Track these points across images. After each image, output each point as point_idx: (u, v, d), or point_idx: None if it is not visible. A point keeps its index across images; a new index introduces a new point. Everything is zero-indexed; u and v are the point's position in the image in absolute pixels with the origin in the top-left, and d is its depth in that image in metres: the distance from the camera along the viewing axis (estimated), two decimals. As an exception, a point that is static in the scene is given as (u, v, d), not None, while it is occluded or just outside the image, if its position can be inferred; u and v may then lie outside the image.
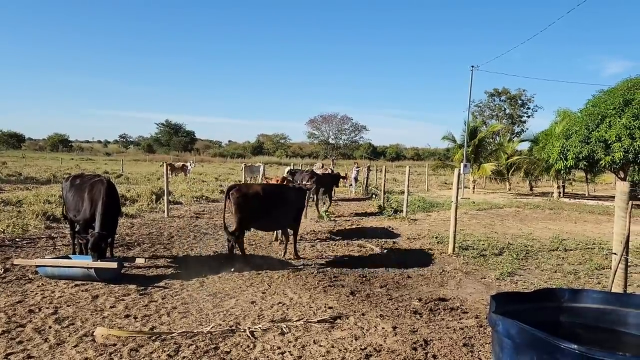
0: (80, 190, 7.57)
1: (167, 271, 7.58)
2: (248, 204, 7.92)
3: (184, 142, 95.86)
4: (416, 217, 15.02)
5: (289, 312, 5.71)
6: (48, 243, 9.43)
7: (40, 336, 4.74)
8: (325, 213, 14.39)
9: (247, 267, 7.78)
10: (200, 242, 10.08)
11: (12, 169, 32.14)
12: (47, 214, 12.01)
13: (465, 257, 9.10)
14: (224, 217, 8.12)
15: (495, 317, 2.99)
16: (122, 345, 4.54)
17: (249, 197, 7.97)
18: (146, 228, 11.62)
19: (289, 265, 8.17)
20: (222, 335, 4.86)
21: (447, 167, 33.17)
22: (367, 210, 17.12)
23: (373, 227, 12.87)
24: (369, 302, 6.22)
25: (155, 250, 9.11)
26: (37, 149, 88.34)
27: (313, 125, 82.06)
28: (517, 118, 58.92)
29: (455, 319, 5.61)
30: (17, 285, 6.50)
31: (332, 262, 8.55)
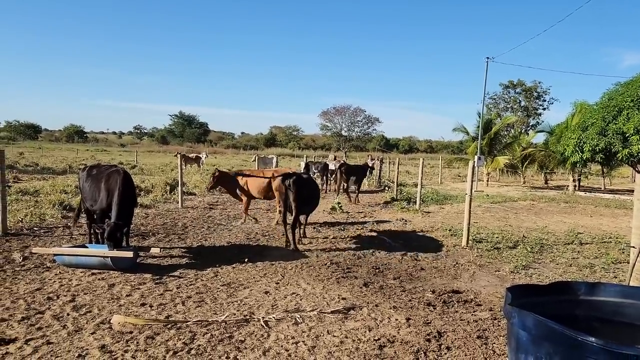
0: (97, 180, 7.66)
1: (182, 261, 7.65)
2: (303, 192, 8.79)
3: (197, 134, 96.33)
4: (429, 209, 14.96)
5: (303, 302, 5.74)
6: (65, 232, 9.56)
7: (59, 323, 4.82)
8: (338, 205, 14.39)
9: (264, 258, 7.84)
10: (214, 233, 10.15)
11: (29, 160, 32.59)
12: (63, 204, 12.18)
13: (479, 249, 9.06)
14: (284, 206, 8.84)
15: (511, 310, 2.98)
16: (139, 332, 4.60)
17: (303, 185, 8.88)
18: (160, 218, 11.72)
19: (303, 257, 8.19)
20: (237, 325, 4.90)
21: (461, 160, 32.93)
22: (380, 203, 17.08)
23: (386, 219, 12.85)
24: (382, 293, 6.23)
25: (169, 241, 9.19)
26: (53, 140, 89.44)
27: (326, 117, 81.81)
28: (533, 110, 58.22)
29: (469, 312, 5.60)
30: (36, 273, 6.61)
31: (345, 253, 8.56)
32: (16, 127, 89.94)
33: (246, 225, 11.22)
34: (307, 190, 8.97)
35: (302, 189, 8.75)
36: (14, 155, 35.49)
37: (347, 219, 12.89)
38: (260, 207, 14.68)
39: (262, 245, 9.13)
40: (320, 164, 20.97)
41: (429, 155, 75.88)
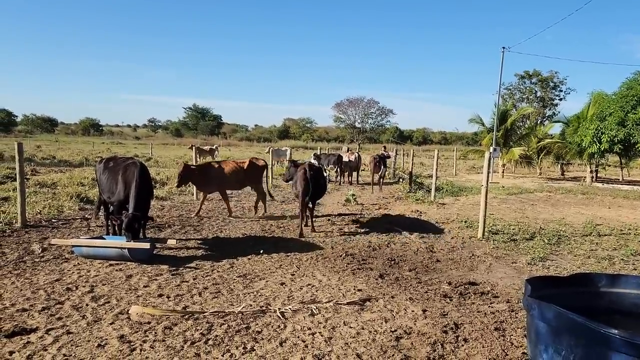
0: (114, 172, 7.73)
1: (198, 252, 7.71)
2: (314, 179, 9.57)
3: (211, 126, 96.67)
4: (444, 201, 14.88)
5: (318, 293, 5.75)
6: (82, 224, 9.68)
7: (78, 313, 4.89)
8: (353, 197, 14.37)
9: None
10: (230, 225, 10.20)
11: (46, 152, 33.01)
12: (80, 196, 12.32)
13: (495, 241, 8.99)
14: (304, 192, 9.28)
15: (531, 301, 2.95)
16: (157, 323, 4.65)
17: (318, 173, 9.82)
18: (176, 210, 11.81)
19: (318, 248, 8.21)
20: (253, 316, 4.93)
21: (476, 151, 32.67)
22: (394, 194, 17.02)
23: (401, 211, 12.80)
24: (398, 285, 6.22)
25: (185, 232, 9.26)
26: (69, 133, 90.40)
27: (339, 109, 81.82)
28: (549, 101, 57.41)
29: (486, 303, 5.56)
30: (55, 264, 6.71)
31: (360, 245, 8.56)
32: (33, 120, 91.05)
33: (260, 218, 11.26)
34: (320, 178, 9.88)
35: (318, 176, 9.77)
36: (31, 148, 35.97)
37: (361, 210, 12.87)
38: (275, 199, 14.71)
39: (277, 236, 9.16)
40: (334, 155, 20.92)
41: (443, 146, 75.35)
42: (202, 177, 10.80)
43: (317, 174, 9.83)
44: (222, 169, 11.00)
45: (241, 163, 11.47)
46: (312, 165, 9.87)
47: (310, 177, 9.41)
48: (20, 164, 9.12)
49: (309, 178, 9.39)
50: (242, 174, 11.16)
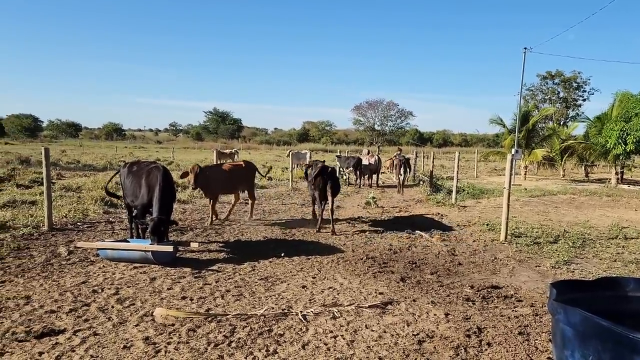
0: (137, 176, 7.86)
1: (220, 255, 7.77)
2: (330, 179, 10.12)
3: (231, 130, 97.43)
4: (465, 203, 14.74)
5: (340, 297, 5.75)
6: (107, 227, 9.85)
7: (104, 315, 4.98)
8: (373, 200, 14.34)
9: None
10: (251, 228, 10.26)
11: (71, 157, 33.65)
12: (104, 200, 12.53)
13: (518, 244, 8.87)
14: (324, 190, 9.91)
15: (557, 305, 2.91)
16: (180, 325, 4.71)
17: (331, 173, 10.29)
18: (198, 213, 11.93)
19: (338, 251, 8.21)
20: (275, 318, 4.95)
21: (498, 153, 32.28)
22: (414, 197, 16.93)
23: (421, 214, 12.74)
24: (420, 288, 6.18)
25: (207, 235, 9.35)
26: (92, 138, 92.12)
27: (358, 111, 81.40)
28: (572, 102, 56.47)
29: (509, 307, 5.50)
30: (81, 267, 6.84)
31: (381, 248, 8.54)
32: (58, 125, 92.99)
33: (281, 221, 11.31)
34: (334, 178, 10.34)
35: (334, 176, 10.30)
36: (56, 153, 36.69)
37: (382, 213, 12.83)
38: (295, 202, 14.77)
39: (298, 239, 9.19)
40: (353, 158, 20.88)
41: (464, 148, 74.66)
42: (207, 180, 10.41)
43: (330, 174, 10.23)
44: (222, 170, 10.95)
45: (237, 164, 11.52)
46: (326, 167, 10.33)
47: (322, 176, 9.99)
48: (47, 169, 9.32)
49: (320, 177, 10.01)
50: (240, 175, 11.14)
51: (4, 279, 6.15)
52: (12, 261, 6.98)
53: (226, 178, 10.71)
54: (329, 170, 10.40)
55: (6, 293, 5.58)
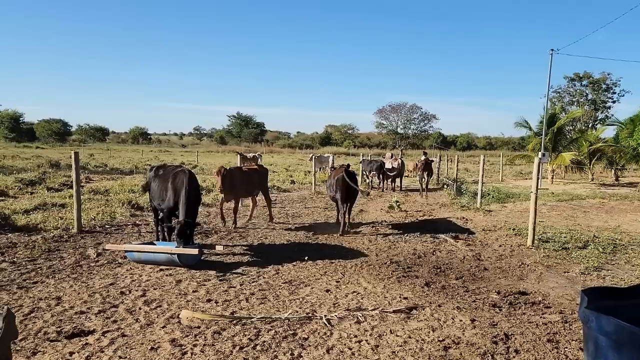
0: (164, 180, 7.97)
1: (244, 258, 7.82)
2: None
3: (254, 134, 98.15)
4: (491, 208, 14.53)
5: (364, 301, 5.73)
6: (134, 230, 10.01)
7: (132, 316, 5.05)
8: (396, 203, 14.25)
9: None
10: (274, 232, 10.31)
11: (99, 161, 34.32)
12: (131, 203, 12.74)
13: (545, 249, 8.71)
14: (343, 192, 10.21)
15: (589, 313, 2.84)
16: (206, 327, 4.75)
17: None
18: (222, 217, 12.02)
19: (362, 255, 8.18)
20: (300, 322, 4.95)
21: (523, 157, 31.77)
22: (438, 201, 16.78)
23: (445, 218, 12.61)
24: (445, 293, 6.11)
25: (231, 238, 9.42)
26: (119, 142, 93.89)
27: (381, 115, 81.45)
28: (601, 104, 55.21)
29: (537, 314, 5.40)
30: (109, 269, 6.96)
31: (405, 252, 8.48)
32: (86, 130, 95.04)
33: (304, 225, 11.33)
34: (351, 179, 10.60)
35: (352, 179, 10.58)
36: (85, 157, 37.45)
37: (405, 217, 12.74)
38: (318, 206, 14.79)
39: (322, 243, 9.19)
40: (375, 162, 20.81)
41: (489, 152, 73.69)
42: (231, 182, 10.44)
43: (348, 177, 10.46)
44: (242, 173, 11.01)
45: (252, 168, 11.60)
46: (347, 170, 10.64)
47: (341, 178, 10.32)
48: (76, 172, 9.52)
49: (339, 179, 10.35)
50: (256, 178, 11.21)
51: (36, 279, 6.30)
52: (43, 262, 7.14)
53: (246, 180, 10.80)
54: (349, 173, 10.63)
55: (38, 294, 5.72)
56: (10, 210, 10.59)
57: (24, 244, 8.15)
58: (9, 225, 9.31)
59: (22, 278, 6.32)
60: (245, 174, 10.91)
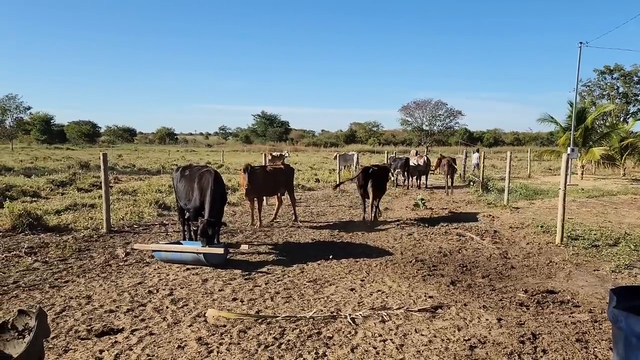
0: (190, 180, 8.10)
1: (269, 257, 7.88)
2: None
3: (279, 132, 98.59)
4: (518, 205, 14.30)
5: (389, 300, 5.71)
6: (161, 229, 10.18)
7: (159, 315, 5.15)
8: (422, 201, 14.14)
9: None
10: (299, 230, 10.35)
11: (127, 161, 35.01)
12: (159, 202, 12.95)
13: (574, 247, 8.53)
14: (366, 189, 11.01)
15: (618, 313, 2.79)
16: (232, 326, 4.81)
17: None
18: (247, 216, 12.09)
19: (387, 254, 8.16)
20: (324, 321, 4.97)
21: (552, 152, 31.15)
22: (464, 198, 16.59)
23: (472, 216, 12.46)
24: (471, 292, 6.05)
25: (256, 237, 9.50)
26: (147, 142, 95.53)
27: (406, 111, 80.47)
28: (633, 97, 53.61)
29: (566, 313, 5.30)
30: (137, 268, 7.10)
31: (430, 250, 8.42)
32: (115, 131, 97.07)
33: (328, 223, 11.36)
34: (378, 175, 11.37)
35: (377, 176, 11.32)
36: (113, 157, 38.26)
37: (430, 215, 12.64)
38: (343, 204, 14.79)
39: (346, 242, 9.19)
40: (401, 159, 20.67)
41: (516, 148, 72.41)
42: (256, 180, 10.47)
43: (375, 174, 11.20)
44: (267, 172, 11.10)
45: (278, 167, 11.68)
46: (368, 167, 11.53)
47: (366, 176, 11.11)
48: (105, 173, 9.73)
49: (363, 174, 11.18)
50: (281, 178, 11.27)
51: (68, 278, 6.47)
52: (74, 262, 7.33)
53: (270, 179, 10.88)
54: (371, 171, 11.25)
55: (69, 292, 5.87)
56: (42, 211, 10.88)
57: (55, 243, 8.37)
58: (41, 225, 9.57)
59: (53, 277, 6.51)
60: (271, 174, 11.00)
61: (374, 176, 11.18)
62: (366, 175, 11.18)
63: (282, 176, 11.27)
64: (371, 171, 11.30)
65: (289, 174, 11.66)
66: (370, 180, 11.12)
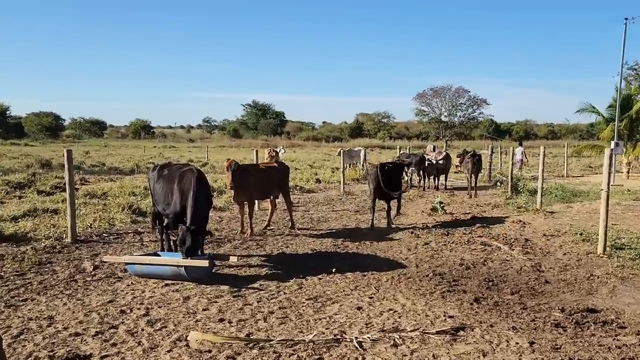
0: (169, 181, 8.11)
1: (262, 271, 7.89)
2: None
3: (273, 125, 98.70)
4: (553, 209, 14.31)
5: (402, 320, 5.72)
6: (135, 239, 10.21)
7: (134, 339, 5.16)
8: (440, 205, 14.15)
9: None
10: (296, 239, 10.37)
11: (95, 159, 35.06)
12: (132, 207, 12.97)
13: (620, 258, 8.53)
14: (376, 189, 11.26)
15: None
16: (218, 352, 4.81)
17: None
18: (236, 222, 12.13)
19: (400, 266, 8.17)
20: (326, 345, 4.98)
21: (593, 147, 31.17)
22: (490, 201, 16.60)
23: (499, 221, 12.47)
24: (498, 311, 6.06)
25: (247, 248, 9.52)
26: (119, 137, 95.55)
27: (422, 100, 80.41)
28: (689, 82, 53.63)
29: (609, 335, 5.30)
30: (107, 284, 7.12)
31: (450, 262, 8.43)
32: (81, 124, 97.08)
33: (331, 231, 11.38)
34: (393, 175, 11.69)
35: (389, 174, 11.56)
36: (80, 154, 38.27)
37: (451, 221, 12.66)
38: (348, 209, 14.81)
39: (352, 252, 9.21)
40: (415, 156, 20.69)
41: (551, 142, 72.51)
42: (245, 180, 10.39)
43: (390, 172, 11.54)
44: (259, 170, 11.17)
45: (270, 165, 11.72)
46: (383, 164, 11.79)
47: (381, 174, 11.26)
48: (69, 173, 9.75)
49: (380, 175, 11.28)
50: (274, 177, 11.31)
51: (26, 296, 6.49)
52: (33, 277, 7.34)
53: (262, 180, 10.90)
54: (387, 168, 11.51)
55: (28, 313, 5.88)
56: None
57: (11, 255, 8.39)
58: (-5, 234, 9.60)
59: (9, 295, 6.52)
60: (262, 173, 11.02)
61: (391, 174, 11.42)
62: (383, 172, 11.30)
63: (275, 176, 11.29)
64: (387, 168, 11.47)
65: (283, 173, 11.69)
66: (387, 178, 11.33)
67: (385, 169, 11.48)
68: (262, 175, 10.97)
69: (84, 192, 15.73)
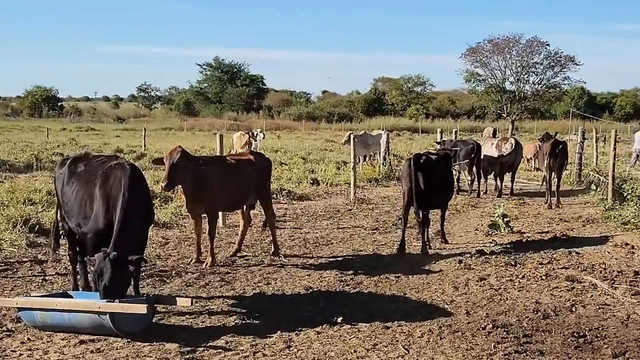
0: (86, 181, 8.06)
1: (229, 321, 7.87)
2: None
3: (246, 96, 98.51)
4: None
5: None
6: (33, 270, 10.16)
7: None
8: (503, 219, 14.14)
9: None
10: (281, 271, 10.36)
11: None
12: (29, 223, 12.88)
13: None
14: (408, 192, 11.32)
15: None
16: None
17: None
18: (190, 246, 12.11)
19: (441, 313, 8.16)
20: None
21: None
22: (580, 213, 16.63)
23: (594, 245, 12.49)
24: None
25: (207, 284, 9.50)
26: (8, 114, 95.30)
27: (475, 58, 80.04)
28: None
29: None
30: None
31: (519, 308, 8.44)
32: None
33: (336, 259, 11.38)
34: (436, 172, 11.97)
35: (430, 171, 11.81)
36: (-52, 141, 38.22)
37: (519, 243, 12.66)
38: (361, 225, 14.81)
39: (368, 292, 9.20)
40: (465, 144, 20.62)
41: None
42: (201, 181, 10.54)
43: (432, 167, 11.81)
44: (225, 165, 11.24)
45: (242, 158, 11.78)
46: (419, 156, 12.10)
47: (417, 169, 11.45)
48: None
49: (415, 172, 11.42)
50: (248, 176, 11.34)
51: None
52: None
53: (231, 180, 10.93)
54: (425, 160, 11.84)
55: None
56: None
57: None
58: None
59: None
60: (230, 170, 10.99)
61: (432, 169, 11.57)
62: (419, 167, 11.43)
63: (250, 174, 11.24)
64: (426, 161, 11.66)
65: (262, 170, 11.64)
66: (427, 176, 11.46)
67: (424, 163, 11.57)
68: (230, 173, 10.93)
69: (-45, 199, 15.69)
